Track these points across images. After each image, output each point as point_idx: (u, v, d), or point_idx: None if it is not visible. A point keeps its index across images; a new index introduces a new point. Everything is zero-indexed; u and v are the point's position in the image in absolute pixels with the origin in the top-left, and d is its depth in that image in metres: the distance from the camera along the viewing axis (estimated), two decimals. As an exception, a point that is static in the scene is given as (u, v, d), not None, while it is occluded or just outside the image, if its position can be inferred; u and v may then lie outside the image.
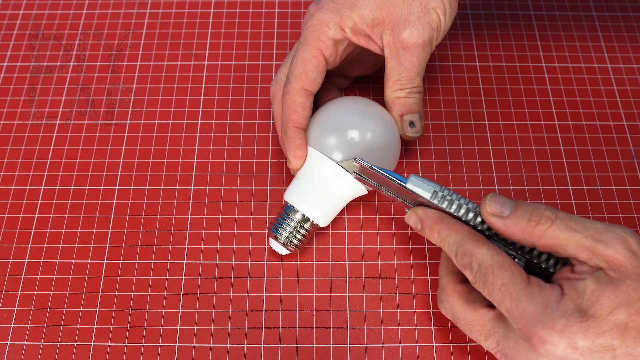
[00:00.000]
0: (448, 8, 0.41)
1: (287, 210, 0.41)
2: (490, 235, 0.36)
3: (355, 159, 0.39)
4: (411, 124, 0.42)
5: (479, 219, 0.36)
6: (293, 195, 0.41)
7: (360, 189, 0.41)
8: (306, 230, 0.41)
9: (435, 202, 0.36)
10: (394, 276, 0.43)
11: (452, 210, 0.36)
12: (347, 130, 0.41)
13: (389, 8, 0.41)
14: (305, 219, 0.41)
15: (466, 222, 0.36)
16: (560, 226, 0.33)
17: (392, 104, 0.42)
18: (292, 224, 0.41)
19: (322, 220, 0.41)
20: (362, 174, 0.39)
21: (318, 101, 0.46)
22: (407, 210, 0.39)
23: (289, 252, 0.42)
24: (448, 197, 0.36)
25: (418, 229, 0.38)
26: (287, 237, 0.41)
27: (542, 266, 0.36)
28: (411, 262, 0.43)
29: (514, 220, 0.34)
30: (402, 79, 0.42)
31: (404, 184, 0.37)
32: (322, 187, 0.40)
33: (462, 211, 0.36)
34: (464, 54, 0.53)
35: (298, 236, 0.41)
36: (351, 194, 0.41)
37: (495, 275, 0.33)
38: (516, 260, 0.36)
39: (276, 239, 0.41)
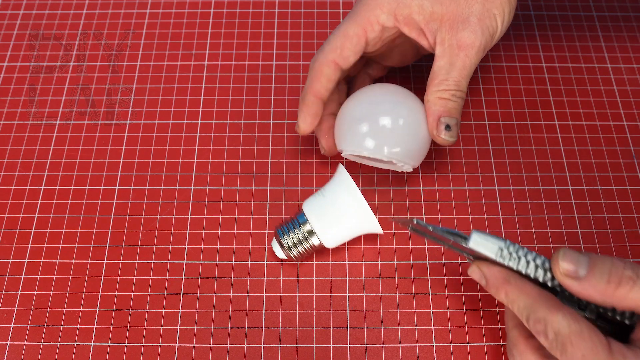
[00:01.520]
0: (506, 17, 0.41)
1: (299, 219, 0.41)
2: (562, 290, 0.34)
3: (413, 221, 0.36)
4: (447, 127, 0.40)
5: (549, 275, 0.34)
6: (312, 208, 0.40)
7: (378, 229, 0.40)
8: (311, 245, 0.41)
9: (500, 260, 0.34)
10: (394, 276, 0.43)
11: (519, 268, 0.34)
12: (378, 118, 0.40)
13: (450, 5, 0.40)
14: (313, 235, 0.40)
15: (535, 279, 0.34)
16: None
17: (432, 103, 0.41)
18: (300, 235, 0.40)
19: (330, 243, 0.41)
20: (417, 230, 0.37)
21: (351, 90, 0.46)
22: (470, 261, 0.36)
23: (286, 258, 0.42)
24: (515, 255, 0.34)
25: (483, 284, 0.35)
26: (290, 245, 0.41)
27: (617, 318, 0.34)
28: (411, 262, 0.43)
29: (591, 283, 0.31)
30: (449, 80, 0.40)
31: (466, 245, 0.34)
32: (343, 215, 0.40)
33: (531, 269, 0.34)
34: (464, 54, 0.53)
35: (300, 248, 0.41)
36: (368, 231, 0.41)
37: (575, 346, 0.31)
38: (587, 312, 0.34)
39: (279, 241, 0.41)
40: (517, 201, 0.45)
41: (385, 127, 0.40)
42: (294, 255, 0.41)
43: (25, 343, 0.40)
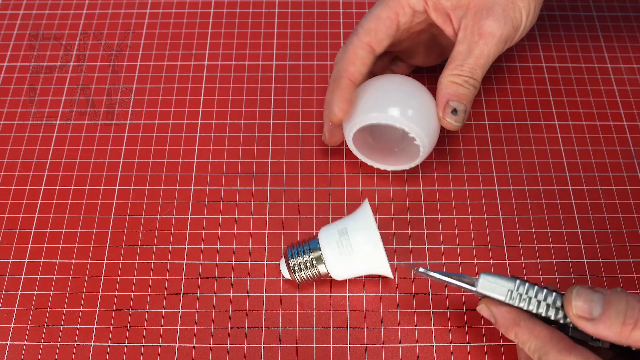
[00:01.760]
0: (532, 13, 0.41)
1: (312, 246, 0.40)
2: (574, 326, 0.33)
3: (416, 269, 0.36)
4: (454, 111, 0.40)
5: (561, 314, 0.33)
6: (327, 242, 0.39)
7: (389, 274, 0.39)
8: (317, 273, 0.40)
9: (510, 302, 0.34)
10: (394, 276, 0.43)
11: (530, 309, 0.33)
12: (387, 108, 0.40)
13: None
14: (322, 264, 0.39)
15: (547, 318, 0.34)
16: None
17: (444, 86, 0.40)
18: (309, 260, 0.40)
19: (338, 276, 0.40)
20: (424, 274, 0.36)
21: None
22: (478, 295, 0.35)
23: (290, 278, 0.41)
24: (525, 295, 0.33)
25: (492, 322, 0.35)
26: (297, 270, 0.40)
27: (632, 349, 0.33)
28: (411, 262, 0.43)
29: (606, 324, 0.31)
30: (464, 65, 0.40)
31: (474, 290, 0.34)
32: (357, 257, 0.39)
33: (542, 308, 0.33)
34: (464, 54, 0.53)
35: (306, 274, 0.40)
36: (377, 273, 0.40)
37: None
38: (601, 342, 0.33)
39: (287, 262, 0.40)
40: (517, 201, 0.45)
41: (394, 117, 0.40)
42: (298, 280, 0.40)
43: (25, 343, 0.40)
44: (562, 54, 0.53)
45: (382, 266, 0.39)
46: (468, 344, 0.40)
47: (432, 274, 0.36)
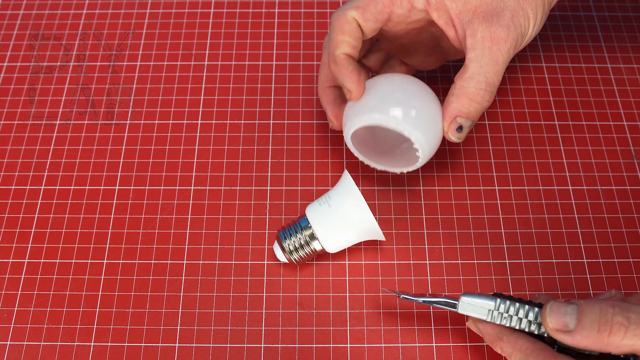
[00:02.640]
0: (539, 20, 0.40)
1: (302, 224, 0.40)
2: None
3: (398, 295, 0.37)
4: (460, 128, 0.40)
5: (543, 329, 0.34)
6: (315, 214, 0.40)
7: (380, 236, 0.40)
8: (312, 249, 0.41)
9: (492, 321, 0.35)
10: (394, 276, 0.43)
11: (512, 325, 0.35)
12: (389, 108, 0.39)
13: None
14: (315, 239, 0.40)
15: (530, 333, 0.35)
16: (637, 331, 0.30)
17: (456, 97, 0.39)
18: (302, 239, 0.40)
19: (332, 248, 0.41)
20: (408, 299, 0.38)
21: None
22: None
23: (287, 261, 0.42)
24: (505, 314, 0.34)
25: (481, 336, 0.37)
26: (292, 249, 0.41)
27: (620, 356, 0.33)
28: (411, 262, 0.43)
29: (582, 334, 0.31)
30: (480, 74, 0.39)
31: (455, 310, 0.36)
32: (346, 222, 0.39)
33: (524, 324, 0.34)
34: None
35: (301, 252, 0.41)
36: (370, 238, 0.41)
37: None
38: (588, 351, 0.33)
39: (281, 245, 0.41)
40: (517, 201, 0.45)
41: (396, 120, 0.39)
42: (295, 259, 0.41)
43: (25, 343, 0.40)
44: (562, 54, 0.53)
45: (371, 228, 0.39)
46: (468, 344, 0.40)
47: (415, 299, 0.37)
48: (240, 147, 0.48)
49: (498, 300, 0.35)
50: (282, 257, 0.41)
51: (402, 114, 0.38)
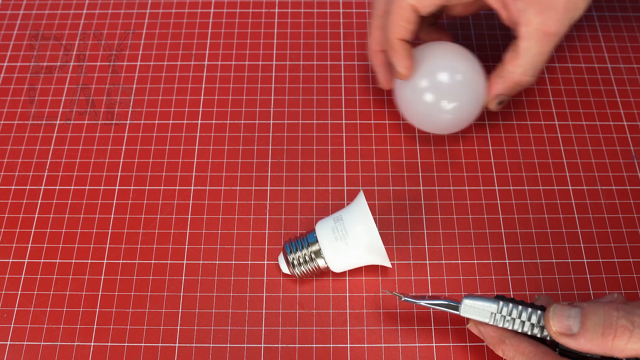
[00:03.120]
0: (583, 11, 0.41)
1: (309, 239, 0.40)
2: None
3: (400, 297, 0.37)
4: (501, 102, 0.44)
5: (546, 332, 0.34)
6: (324, 232, 0.40)
7: (387, 263, 0.40)
8: (316, 266, 0.40)
9: (494, 324, 0.35)
10: (394, 276, 0.43)
11: (514, 328, 0.34)
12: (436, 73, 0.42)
13: None
14: (321, 257, 0.40)
15: (533, 336, 0.35)
16: None
17: (504, 79, 0.42)
18: (307, 255, 0.40)
19: (337, 268, 0.40)
20: (410, 302, 0.37)
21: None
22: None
23: (290, 273, 0.41)
24: (508, 317, 0.34)
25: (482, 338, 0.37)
26: (296, 264, 0.40)
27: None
28: (411, 262, 0.43)
29: (586, 338, 0.31)
30: (529, 64, 0.42)
31: (457, 313, 0.35)
32: (355, 247, 0.39)
33: (527, 328, 0.34)
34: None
35: (305, 268, 0.40)
36: (376, 262, 0.40)
37: None
38: (590, 354, 0.33)
39: (286, 257, 0.41)
40: (517, 201, 0.45)
41: (443, 83, 0.42)
42: (297, 274, 0.41)
43: (25, 343, 0.40)
44: (562, 54, 0.53)
45: (378, 251, 0.39)
46: (468, 344, 0.40)
47: (417, 301, 0.37)
48: (240, 147, 0.48)
49: (501, 303, 0.35)
50: (285, 269, 0.41)
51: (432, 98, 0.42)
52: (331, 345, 0.40)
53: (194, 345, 0.40)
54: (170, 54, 0.53)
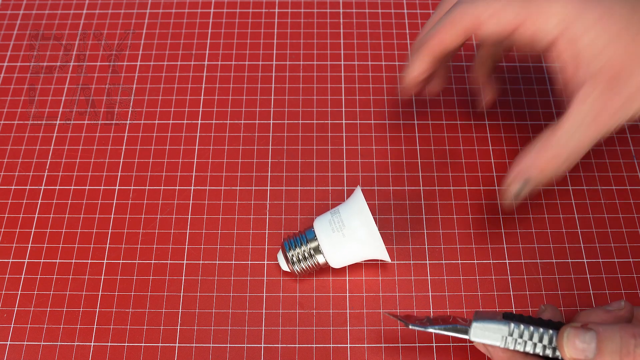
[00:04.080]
0: None
1: (308, 235, 0.40)
2: None
3: (407, 325, 0.36)
4: (520, 190, 0.37)
5: (558, 354, 0.33)
6: (322, 226, 0.40)
7: (387, 259, 0.40)
8: (316, 262, 0.40)
9: (505, 347, 0.33)
10: (394, 276, 0.43)
11: (526, 350, 0.33)
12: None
13: (627, 48, 0.32)
14: (320, 253, 0.40)
15: (545, 356, 0.34)
16: None
17: (531, 168, 0.36)
18: (307, 251, 0.40)
19: (336, 264, 0.40)
20: (417, 326, 0.36)
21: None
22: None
23: (289, 271, 0.41)
24: (520, 340, 0.33)
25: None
26: (295, 261, 0.40)
27: None
28: (411, 262, 0.43)
29: None
30: (567, 148, 0.35)
31: (467, 337, 0.34)
32: (353, 241, 0.39)
33: (538, 350, 0.33)
34: (464, 54, 0.53)
35: (304, 264, 0.40)
36: (376, 258, 0.40)
37: None
38: None
39: (285, 255, 0.41)
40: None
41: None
42: (297, 271, 0.41)
43: (25, 343, 0.41)
44: (562, 54, 0.53)
45: (375, 242, 0.38)
46: (468, 344, 0.40)
47: (423, 328, 0.35)
48: (240, 147, 0.48)
49: (512, 325, 0.34)
50: (285, 266, 0.41)
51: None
52: (331, 345, 0.40)
53: (194, 345, 0.40)
54: (170, 54, 0.53)
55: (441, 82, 0.43)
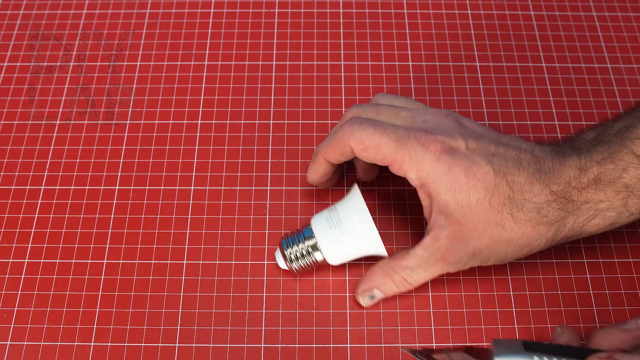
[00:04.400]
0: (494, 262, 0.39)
1: (305, 233, 0.40)
2: None
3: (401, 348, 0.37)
4: (372, 296, 0.40)
5: None
6: (319, 223, 0.40)
7: (384, 252, 0.39)
8: (314, 260, 0.40)
9: None
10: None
11: None
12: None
13: (473, 217, 0.36)
14: (318, 251, 0.40)
15: None
16: None
17: (382, 277, 0.39)
18: (304, 249, 0.40)
19: (334, 261, 0.40)
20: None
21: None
22: None
23: (287, 269, 0.41)
24: None
25: None
26: (293, 258, 0.40)
27: None
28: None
29: None
30: (414, 277, 0.39)
31: None
32: (351, 238, 0.39)
33: None
34: (464, 54, 0.53)
35: (302, 262, 0.40)
36: (374, 254, 0.40)
37: None
38: None
39: (283, 253, 0.41)
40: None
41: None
42: (295, 268, 0.41)
43: (25, 343, 0.41)
44: (562, 54, 0.53)
45: (373, 240, 0.38)
46: (468, 344, 0.40)
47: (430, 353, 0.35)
48: (240, 147, 0.48)
49: (535, 358, 0.32)
50: (283, 264, 0.41)
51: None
52: (331, 345, 0.40)
53: (194, 345, 0.40)
54: (170, 54, 0.53)
55: (332, 183, 0.45)
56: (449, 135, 0.37)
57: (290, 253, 0.40)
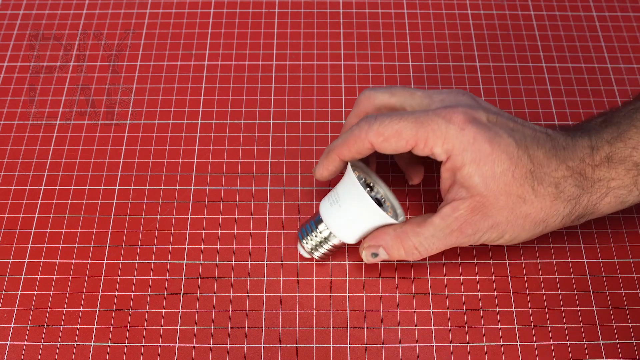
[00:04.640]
0: (524, 238, 0.39)
1: (317, 221, 0.40)
2: None
3: None
4: (375, 254, 0.40)
5: None
6: (326, 210, 0.40)
7: (391, 221, 0.39)
8: (332, 245, 0.40)
9: None
10: (394, 276, 0.43)
11: None
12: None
13: (500, 190, 0.36)
14: (332, 235, 0.40)
15: None
16: None
17: (392, 237, 0.39)
18: (320, 236, 0.40)
19: (351, 239, 0.40)
20: None
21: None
22: None
23: (309, 256, 0.41)
24: None
25: None
26: (311, 248, 0.41)
27: None
28: (411, 262, 0.43)
29: None
30: (424, 245, 0.39)
31: None
32: (351, 207, 0.39)
33: None
34: (464, 54, 0.53)
35: (321, 250, 0.41)
36: (384, 224, 0.40)
37: None
38: None
39: (302, 244, 0.41)
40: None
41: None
42: (318, 257, 0.41)
43: (25, 343, 0.41)
44: (562, 54, 0.53)
45: (369, 207, 0.38)
46: (468, 344, 0.40)
47: None
48: (240, 147, 0.48)
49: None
50: (307, 255, 0.42)
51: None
52: (331, 345, 0.40)
53: (194, 345, 0.40)
54: (170, 54, 0.53)
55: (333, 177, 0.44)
56: (470, 107, 0.37)
57: (308, 243, 0.41)
